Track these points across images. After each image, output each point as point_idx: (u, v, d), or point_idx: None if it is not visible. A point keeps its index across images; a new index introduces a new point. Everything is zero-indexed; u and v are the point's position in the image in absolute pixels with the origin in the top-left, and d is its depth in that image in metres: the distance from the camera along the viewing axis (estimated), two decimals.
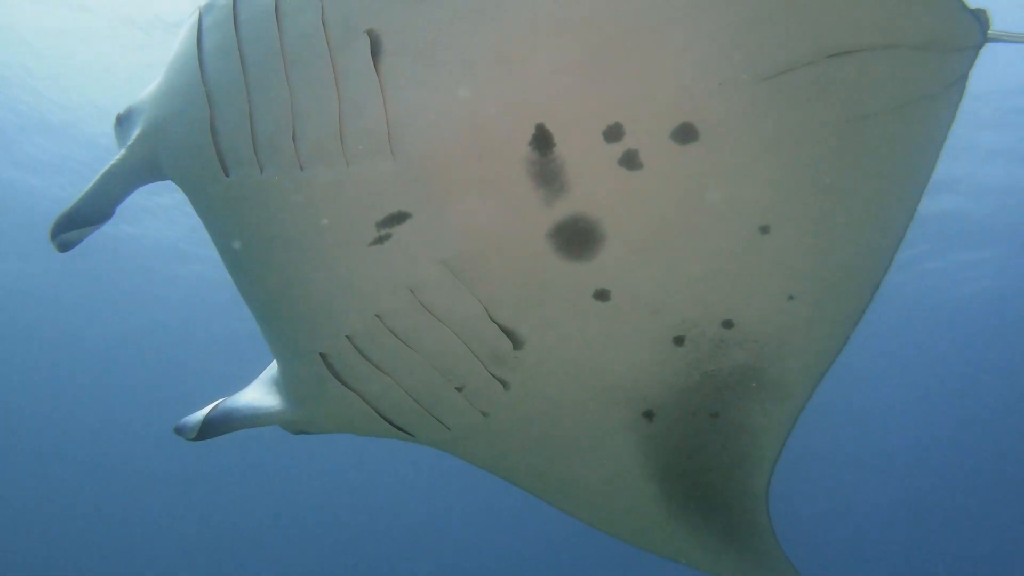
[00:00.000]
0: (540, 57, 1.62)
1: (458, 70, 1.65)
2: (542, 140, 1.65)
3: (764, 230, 1.74)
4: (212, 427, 2.14)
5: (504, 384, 2.00)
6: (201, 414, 2.16)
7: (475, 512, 27.45)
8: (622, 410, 2.03)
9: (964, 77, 1.68)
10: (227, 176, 1.83)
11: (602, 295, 1.83)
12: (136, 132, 1.98)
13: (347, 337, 1.95)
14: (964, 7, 1.60)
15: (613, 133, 1.65)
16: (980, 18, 1.62)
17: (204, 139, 1.83)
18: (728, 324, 1.87)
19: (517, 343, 1.91)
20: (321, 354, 2.01)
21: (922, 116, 1.68)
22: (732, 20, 1.59)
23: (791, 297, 1.82)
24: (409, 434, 2.17)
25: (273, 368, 2.31)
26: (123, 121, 2.07)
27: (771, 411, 1.99)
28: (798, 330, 1.87)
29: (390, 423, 2.13)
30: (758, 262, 1.78)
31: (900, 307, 16.30)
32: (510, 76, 1.63)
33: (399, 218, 1.76)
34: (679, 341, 1.90)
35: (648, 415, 2.03)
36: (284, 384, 2.20)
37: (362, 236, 1.80)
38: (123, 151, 2.01)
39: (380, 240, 1.79)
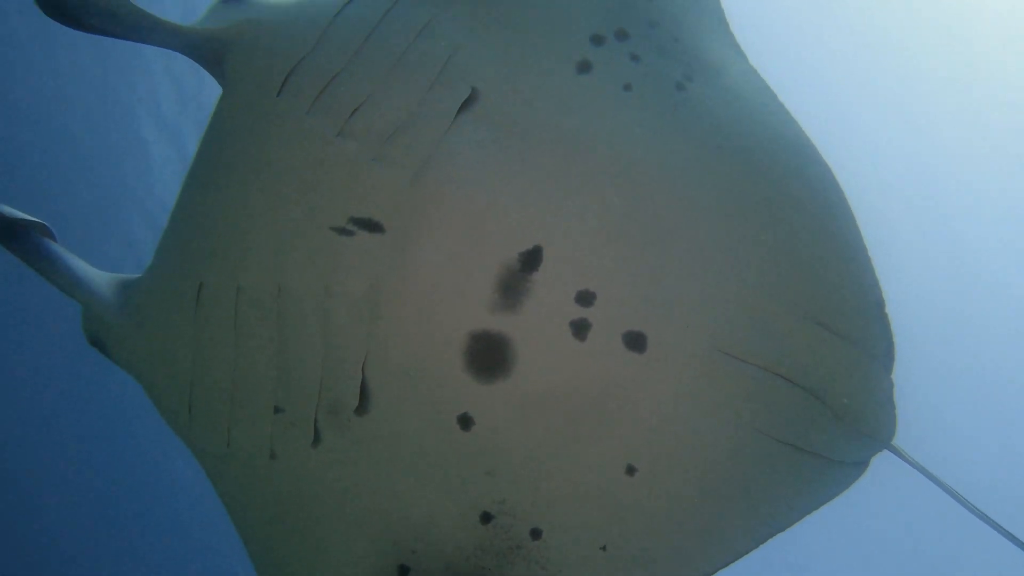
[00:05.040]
0: (583, 206, 1.78)
1: (515, 164, 1.80)
2: (532, 259, 1.75)
3: (631, 471, 1.76)
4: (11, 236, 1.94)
5: (317, 438, 1.85)
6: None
7: None
8: (390, 547, 1.86)
9: (860, 465, 1.84)
10: (278, 95, 1.88)
11: (466, 422, 1.78)
12: (237, 19, 2.00)
13: (239, 288, 1.87)
14: (888, 401, 1.83)
15: (585, 298, 1.75)
16: (892, 423, 1.83)
17: (282, 66, 1.88)
18: (536, 534, 1.79)
19: (364, 407, 1.82)
20: (200, 284, 1.91)
21: (809, 471, 1.80)
22: (728, 295, 1.78)
23: (604, 548, 1.78)
24: (190, 415, 1.96)
25: (128, 276, 2.14)
26: (229, 3, 2.09)
27: None
28: None
29: (189, 394, 1.94)
30: (604, 495, 1.76)
31: None
32: (551, 198, 1.78)
33: (374, 227, 1.80)
34: (486, 518, 1.81)
35: (403, 570, 1.86)
36: (137, 284, 2.05)
37: (333, 218, 1.80)
38: (209, 23, 2.01)
39: (343, 232, 1.80)
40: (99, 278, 2.05)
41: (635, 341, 1.75)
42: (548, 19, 1.96)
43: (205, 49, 2.02)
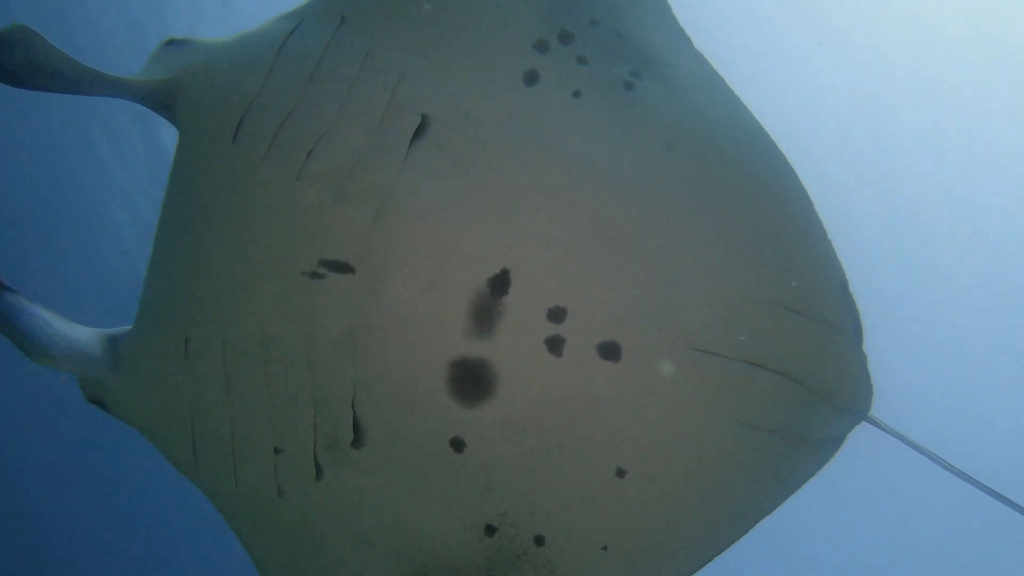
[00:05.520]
0: (543, 224, 1.81)
1: (472, 190, 1.81)
2: (500, 283, 1.78)
3: (620, 473, 1.82)
4: None
5: (320, 473, 1.93)
6: None
7: None
8: (402, 565, 1.95)
9: (839, 440, 1.91)
10: (231, 144, 1.88)
11: (458, 445, 1.84)
12: (183, 65, 2.02)
13: (223, 339, 1.92)
14: (863, 372, 1.89)
15: (557, 314, 1.79)
16: (869, 394, 1.91)
17: (235, 110, 1.89)
18: (540, 540, 1.87)
19: (359, 440, 1.88)
20: (186, 338, 1.95)
21: (791, 453, 1.86)
22: (695, 292, 1.81)
23: (605, 548, 1.86)
24: (196, 462, 2.03)
25: (114, 329, 2.18)
26: (173, 47, 2.11)
27: None
28: None
29: (192, 442, 2.00)
30: (599, 499, 1.83)
31: None
32: (511, 220, 1.80)
33: (343, 267, 1.82)
34: (490, 531, 1.89)
35: None
36: (125, 343, 2.08)
37: (302, 262, 1.83)
38: (156, 70, 2.04)
39: (315, 275, 1.84)
40: (84, 339, 2.06)
41: (609, 351, 1.79)
42: (489, 31, 1.94)
43: (154, 98, 2.03)
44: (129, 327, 2.15)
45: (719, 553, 1.89)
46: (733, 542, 1.89)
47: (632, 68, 1.93)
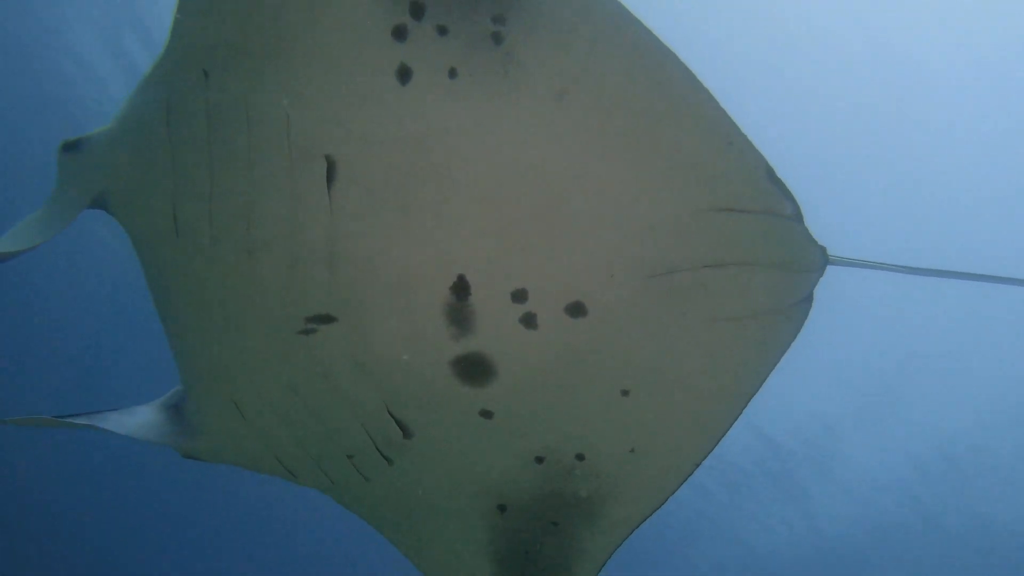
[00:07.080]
0: (473, 220, 1.90)
1: (401, 214, 1.90)
2: (461, 288, 1.94)
3: (625, 393, 2.08)
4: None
5: (389, 461, 2.27)
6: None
7: None
8: (482, 498, 2.34)
9: (809, 298, 2.05)
10: (176, 237, 2.01)
11: (486, 414, 2.12)
12: (92, 174, 2.10)
13: (261, 399, 2.17)
14: (810, 239, 2.00)
15: (519, 296, 1.95)
16: (822, 249, 2.03)
17: (165, 204, 1.99)
18: (580, 457, 2.20)
19: (407, 434, 2.18)
20: (234, 402, 2.21)
21: (771, 326, 2.04)
22: (631, 227, 1.91)
23: (632, 450, 2.17)
24: (294, 476, 2.41)
25: (171, 396, 2.45)
26: (71, 153, 2.16)
27: (595, 538, 2.33)
28: (630, 479, 2.22)
29: (282, 465, 2.36)
30: (614, 417, 2.11)
31: None
32: (445, 228, 1.90)
33: (326, 319, 2.00)
34: (539, 460, 2.22)
35: (501, 508, 2.34)
36: (189, 412, 2.35)
37: (291, 325, 2.02)
38: (73, 186, 2.12)
39: (307, 332, 2.02)
40: (151, 421, 2.32)
41: (576, 309, 1.96)
42: (343, 37, 1.81)
43: (89, 204, 2.10)
44: (180, 388, 2.41)
45: (732, 424, 2.13)
46: (736, 418, 2.12)
47: (493, 13, 1.78)
